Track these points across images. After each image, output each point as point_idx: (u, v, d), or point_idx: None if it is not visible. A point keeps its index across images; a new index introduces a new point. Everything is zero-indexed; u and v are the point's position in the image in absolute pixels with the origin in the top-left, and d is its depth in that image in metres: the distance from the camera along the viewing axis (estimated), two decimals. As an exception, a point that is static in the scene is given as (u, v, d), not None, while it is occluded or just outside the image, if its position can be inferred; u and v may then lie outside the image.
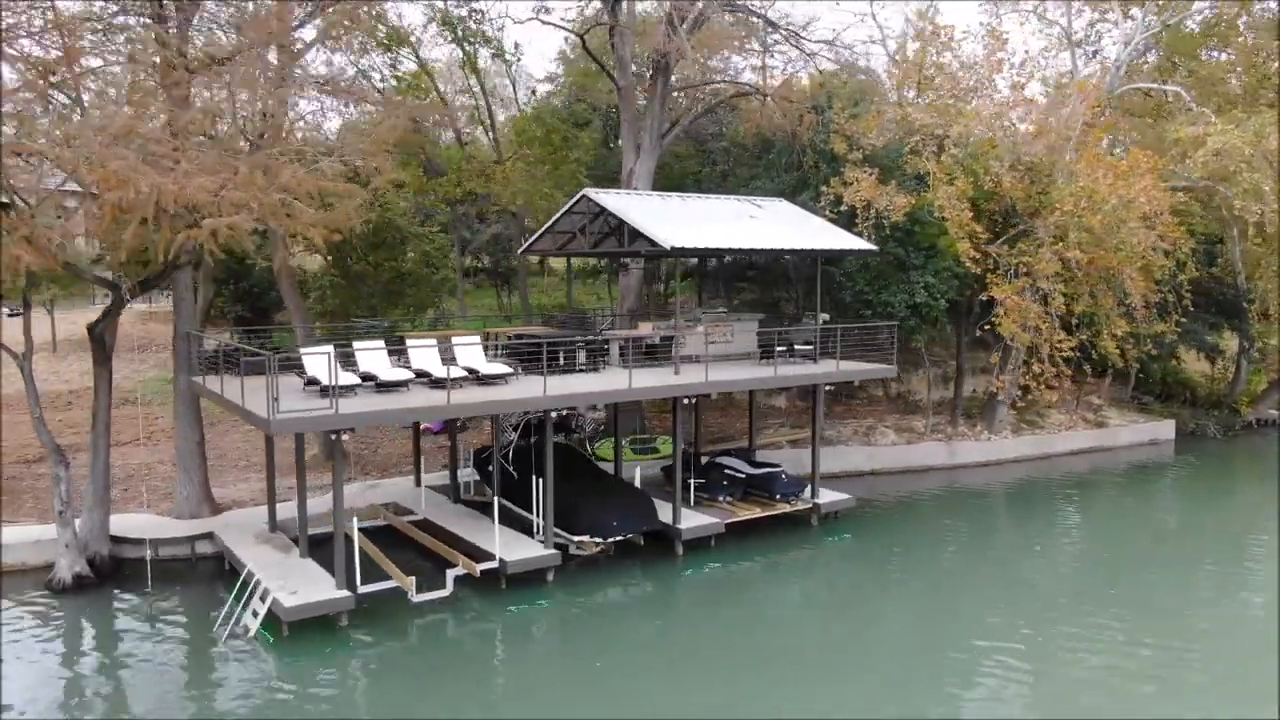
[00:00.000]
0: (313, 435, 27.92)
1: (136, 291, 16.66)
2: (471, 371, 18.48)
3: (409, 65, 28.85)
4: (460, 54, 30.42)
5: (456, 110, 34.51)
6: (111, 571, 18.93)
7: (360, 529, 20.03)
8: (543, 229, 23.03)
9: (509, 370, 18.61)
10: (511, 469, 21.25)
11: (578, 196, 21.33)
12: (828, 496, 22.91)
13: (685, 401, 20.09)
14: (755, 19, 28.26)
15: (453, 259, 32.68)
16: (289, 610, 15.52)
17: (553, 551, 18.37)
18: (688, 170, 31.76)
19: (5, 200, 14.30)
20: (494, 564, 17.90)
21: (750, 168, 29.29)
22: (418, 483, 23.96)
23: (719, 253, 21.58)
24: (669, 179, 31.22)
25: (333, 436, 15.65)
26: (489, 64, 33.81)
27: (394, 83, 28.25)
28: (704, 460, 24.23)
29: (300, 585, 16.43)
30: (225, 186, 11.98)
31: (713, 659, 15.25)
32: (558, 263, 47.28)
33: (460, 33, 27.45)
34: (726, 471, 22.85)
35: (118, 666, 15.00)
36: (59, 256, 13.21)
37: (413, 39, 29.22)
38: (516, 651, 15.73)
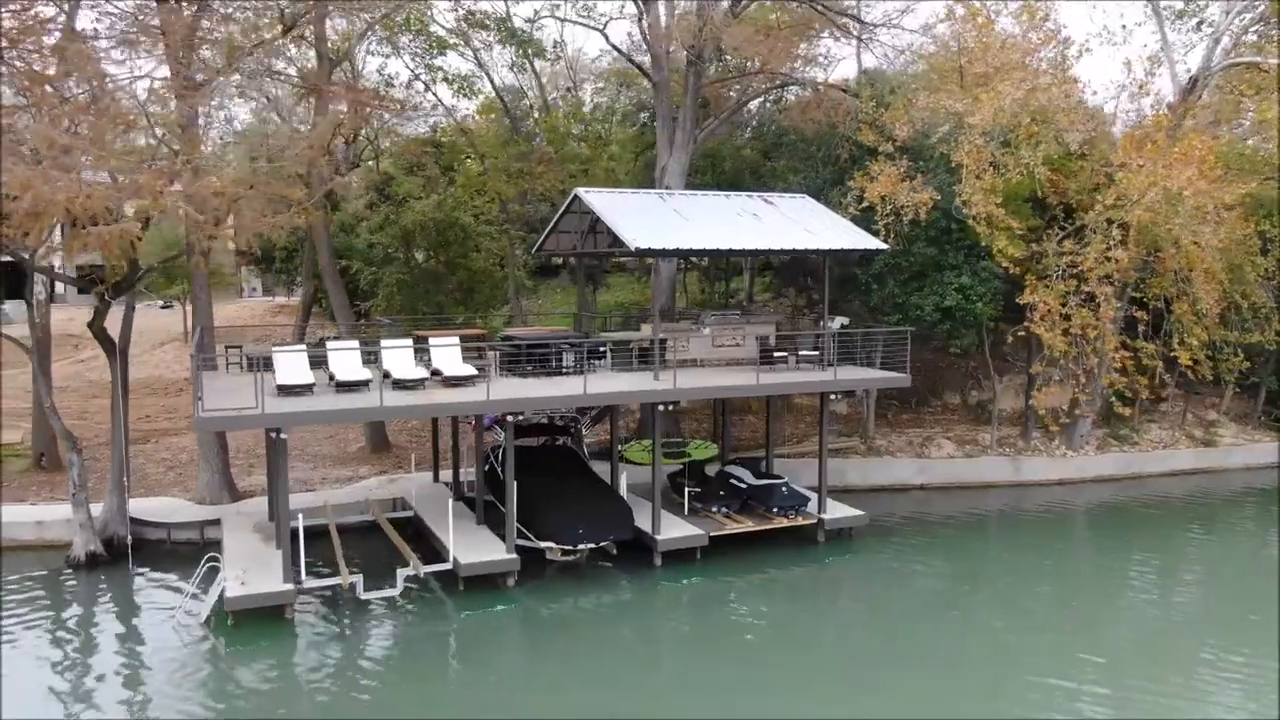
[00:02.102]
0: (360, 427, 29.13)
1: (112, 293, 17.78)
2: (436, 373, 18.64)
3: (457, 67, 29.31)
4: (506, 56, 30.76)
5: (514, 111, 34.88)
6: (128, 551, 20.42)
7: (339, 524, 20.72)
8: (548, 229, 22.88)
9: (474, 372, 18.60)
10: (500, 470, 21.25)
11: (571, 196, 21.04)
12: (837, 511, 21.53)
13: (661, 407, 19.40)
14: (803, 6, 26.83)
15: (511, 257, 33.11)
16: (230, 600, 16.16)
17: (511, 556, 18.21)
18: (744, 165, 30.67)
19: None
20: (447, 565, 17.98)
21: (801, 161, 27.96)
22: (435, 478, 24.49)
23: (691, 253, 20.73)
24: (723, 175, 30.31)
25: (272, 435, 16.21)
26: (540, 65, 33.92)
27: (445, 85, 28.82)
28: (719, 469, 23.42)
29: (254, 576, 17.07)
30: (124, 194, 12.64)
31: (650, 676, 14.87)
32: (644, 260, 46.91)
33: (503, 34, 27.67)
34: (730, 481, 21.94)
35: (53, 639, 15.99)
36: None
37: (473, 41, 29.68)
38: (457, 654, 15.75)
